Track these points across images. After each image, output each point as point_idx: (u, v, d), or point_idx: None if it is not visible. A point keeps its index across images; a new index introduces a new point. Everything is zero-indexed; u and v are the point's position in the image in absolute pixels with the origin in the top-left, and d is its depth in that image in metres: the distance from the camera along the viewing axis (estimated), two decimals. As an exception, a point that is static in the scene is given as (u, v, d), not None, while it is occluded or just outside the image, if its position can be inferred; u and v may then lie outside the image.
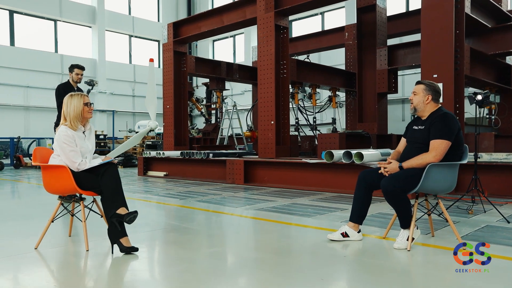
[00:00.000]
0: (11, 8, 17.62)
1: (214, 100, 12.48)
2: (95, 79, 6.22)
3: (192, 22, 10.55)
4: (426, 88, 3.31)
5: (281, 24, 8.65)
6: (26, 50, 17.80)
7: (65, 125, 3.28)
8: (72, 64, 6.00)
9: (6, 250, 3.23)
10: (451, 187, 3.25)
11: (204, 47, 23.38)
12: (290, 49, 12.57)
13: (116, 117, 20.32)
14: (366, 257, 3.08)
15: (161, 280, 2.61)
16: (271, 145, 8.38)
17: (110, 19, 20.40)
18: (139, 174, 10.39)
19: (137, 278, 2.64)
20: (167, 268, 2.83)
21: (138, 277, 2.66)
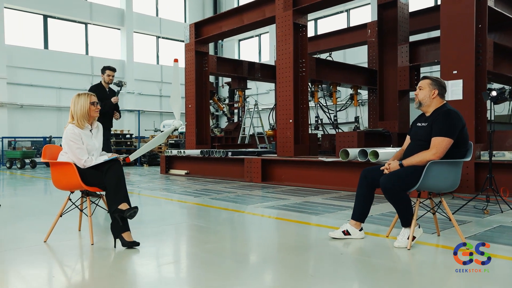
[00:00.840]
0: (46, 13, 18.32)
1: (236, 99, 12.56)
2: (123, 80, 6.37)
3: (213, 22, 10.67)
4: (432, 83, 3.25)
5: (300, 22, 8.62)
6: (59, 53, 18.47)
7: (72, 123, 3.41)
8: (104, 66, 6.20)
9: (17, 242, 3.40)
10: (454, 185, 3.17)
11: (230, 46, 23.56)
12: (312, 47, 12.59)
13: (144, 117, 20.77)
14: (362, 255, 3.06)
15: (154, 274, 2.68)
16: (290, 144, 8.38)
17: (138, 21, 20.87)
18: (161, 172, 10.60)
19: (132, 271, 2.73)
20: (164, 263, 2.90)
21: (133, 270, 2.74)
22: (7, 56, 16.98)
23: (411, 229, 3.10)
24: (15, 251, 3.12)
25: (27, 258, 2.93)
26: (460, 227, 3.85)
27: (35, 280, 2.50)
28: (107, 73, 6.14)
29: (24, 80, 17.44)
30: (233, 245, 3.44)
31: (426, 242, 3.30)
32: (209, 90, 11.32)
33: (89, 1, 19.52)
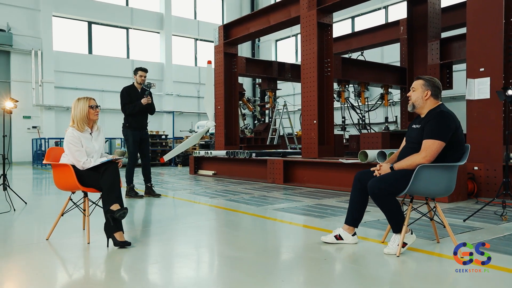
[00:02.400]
0: (90, 19, 19.24)
1: (266, 100, 12.58)
2: (153, 82, 6.59)
3: (241, 24, 10.74)
4: (425, 83, 3.12)
5: (325, 21, 8.49)
6: (102, 57, 19.33)
7: (72, 127, 3.57)
8: (137, 67, 6.43)
9: (21, 239, 3.61)
10: (448, 190, 3.02)
11: (267, 47, 23.61)
12: (344, 46, 12.37)
13: (182, 118, 21.30)
14: (346, 261, 2.98)
15: (134, 274, 2.75)
16: (314, 145, 8.28)
17: (177, 24, 21.41)
18: (190, 173, 10.82)
19: (115, 269, 2.82)
20: (149, 263, 2.97)
21: (116, 269, 2.83)
22: (55, 61, 17.99)
23: (401, 235, 2.98)
24: (19, 247, 3.32)
25: (25, 254, 3.10)
26: (469, 234, 3.68)
27: (17, 274, 2.64)
28: (139, 74, 6.35)
29: (69, 83, 18.39)
30: (204, 244, 3.45)
31: (421, 249, 3.16)
32: (238, 91, 11.39)
33: (130, 7, 20.27)
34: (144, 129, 6.47)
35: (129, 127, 6.29)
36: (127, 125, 6.31)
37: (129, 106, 6.23)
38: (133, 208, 5.43)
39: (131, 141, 6.29)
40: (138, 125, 6.34)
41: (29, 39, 17.43)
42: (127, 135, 6.33)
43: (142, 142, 6.41)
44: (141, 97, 6.25)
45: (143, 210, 5.35)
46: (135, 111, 6.23)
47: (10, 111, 5.34)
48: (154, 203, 5.81)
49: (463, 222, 4.17)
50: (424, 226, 3.88)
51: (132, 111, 6.23)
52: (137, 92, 6.34)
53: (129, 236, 3.59)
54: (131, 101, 6.25)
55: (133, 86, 6.40)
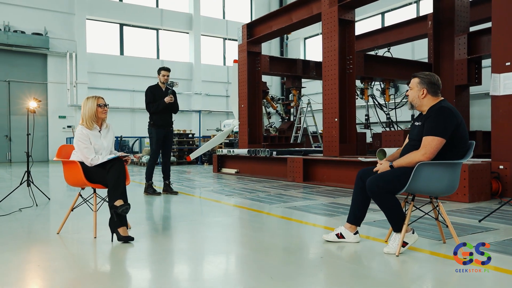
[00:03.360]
0: (122, 21, 19.77)
1: (290, 98, 12.53)
2: (176, 81, 6.73)
3: (264, 22, 10.74)
4: (420, 81, 3.03)
5: (346, 17, 8.36)
6: (133, 58, 19.82)
7: (82, 125, 3.69)
8: (160, 67, 6.59)
9: (35, 233, 3.78)
10: (450, 189, 2.91)
11: (295, 45, 23.48)
12: (370, 43, 12.14)
13: (210, 117, 21.54)
14: (343, 260, 2.93)
15: (132, 267, 2.82)
16: (335, 143, 8.18)
17: (205, 24, 21.64)
18: (214, 171, 10.93)
19: (114, 263, 2.90)
20: (147, 257, 3.04)
21: (114, 263, 2.91)
22: (88, 63, 18.61)
23: (401, 234, 2.91)
24: (31, 240, 3.47)
25: (35, 247, 3.24)
26: (481, 234, 3.54)
27: (19, 265, 2.77)
28: (162, 73, 6.50)
29: (102, 84, 18.97)
30: (197, 240, 3.48)
31: (424, 249, 3.07)
32: (262, 89, 11.40)
33: (160, 8, 20.67)
34: (169, 127, 6.59)
35: (154, 125, 6.44)
36: (152, 123, 6.47)
37: (153, 104, 6.38)
38: (149, 205, 5.56)
39: (155, 139, 6.44)
40: (162, 123, 6.47)
41: (64, 42, 18.11)
42: (151, 133, 6.49)
43: (165, 140, 6.54)
44: (164, 96, 6.39)
45: (155, 207, 5.46)
46: (158, 109, 6.36)
47: (33, 110, 5.58)
48: (169, 200, 5.91)
49: (479, 223, 4.01)
50: (432, 225, 3.77)
51: (156, 109, 6.37)
52: (161, 91, 6.48)
53: (134, 231, 3.68)
54: (154, 100, 6.40)
55: (157, 85, 6.54)
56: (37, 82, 17.95)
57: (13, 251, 3.12)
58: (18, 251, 3.14)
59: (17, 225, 4.13)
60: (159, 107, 6.35)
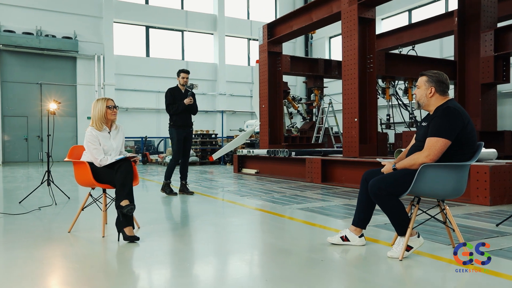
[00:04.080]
0: (148, 24, 20.13)
1: (312, 98, 12.41)
2: (195, 83, 6.83)
3: (284, 22, 10.70)
4: (428, 80, 2.92)
5: (366, 16, 8.22)
6: (158, 59, 20.14)
7: (91, 126, 3.77)
8: (179, 70, 6.71)
9: (48, 231, 3.89)
10: (457, 192, 2.80)
11: (320, 44, 23.27)
12: (394, 41, 11.89)
13: (235, 117, 21.64)
14: (343, 263, 2.87)
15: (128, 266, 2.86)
16: (355, 144, 8.05)
17: (230, 25, 21.75)
18: (234, 171, 10.96)
19: (118, 263, 2.94)
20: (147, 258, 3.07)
21: (119, 262, 2.96)
22: (115, 65, 19.05)
23: (406, 238, 2.82)
24: (42, 239, 3.58)
25: (45, 245, 3.34)
26: (497, 239, 3.40)
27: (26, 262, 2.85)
28: (181, 76, 6.61)
29: (128, 85, 19.37)
30: (207, 242, 3.48)
31: (431, 254, 2.97)
32: (283, 89, 11.35)
33: (185, 10, 20.91)
34: (188, 128, 6.67)
35: (174, 126, 6.53)
36: (172, 124, 6.56)
37: (172, 106, 6.46)
38: (163, 204, 5.63)
39: (175, 139, 6.53)
40: (182, 123, 6.55)
41: (92, 45, 18.60)
42: (172, 134, 6.59)
43: (185, 140, 6.62)
44: (184, 97, 6.47)
45: (169, 207, 5.52)
46: (178, 111, 6.45)
47: (54, 112, 5.75)
48: (183, 200, 5.97)
49: (496, 227, 3.85)
50: (443, 229, 3.63)
51: (176, 111, 6.46)
52: (181, 93, 6.57)
53: (143, 231, 3.73)
54: (174, 102, 6.49)
55: (176, 87, 6.64)
56: (67, 84, 18.52)
57: (23, 248, 3.23)
58: (27, 249, 3.23)
59: (33, 223, 4.27)
60: (179, 109, 6.43)
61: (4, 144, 17.61)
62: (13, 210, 4.96)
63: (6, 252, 3.17)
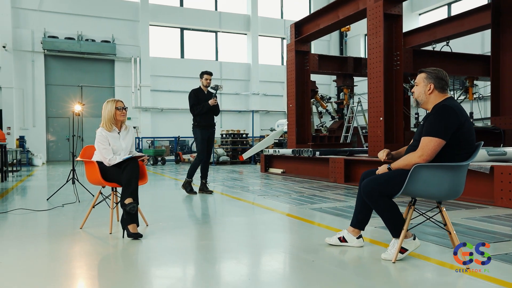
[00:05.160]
0: (182, 26, 20.56)
1: (342, 97, 12.23)
2: (220, 84, 6.96)
3: (311, 20, 10.60)
4: (427, 76, 2.83)
5: (392, 12, 8.00)
6: (192, 60, 20.52)
7: (102, 127, 3.92)
8: (202, 71, 6.84)
9: (62, 227, 4.09)
10: (453, 193, 2.69)
11: (355, 42, 22.86)
12: (427, 37, 11.50)
13: (268, 117, 21.69)
14: (335, 265, 2.82)
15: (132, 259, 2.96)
16: (380, 143, 7.86)
17: (263, 25, 21.81)
18: (261, 171, 11.00)
19: (117, 258, 3.06)
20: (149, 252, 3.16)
21: (118, 258, 3.07)
22: (151, 67, 19.60)
23: (400, 240, 2.75)
24: (55, 234, 3.77)
25: (55, 240, 3.52)
26: (507, 243, 3.23)
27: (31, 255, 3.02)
28: (204, 77, 6.73)
29: (163, 86, 19.88)
30: (191, 240, 3.51)
31: (429, 257, 2.88)
32: (311, 88, 11.25)
33: (219, 11, 21.19)
34: (212, 128, 6.78)
35: (198, 126, 6.66)
36: (196, 124, 6.69)
37: (197, 106, 6.58)
38: (179, 203, 5.75)
39: (199, 139, 6.65)
40: (206, 123, 6.67)
41: (129, 48, 19.24)
42: (196, 134, 6.71)
43: (208, 140, 6.73)
44: (207, 98, 6.58)
45: (184, 205, 5.63)
46: (203, 111, 6.57)
47: (78, 113, 6.01)
48: (202, 199, 6.07)
49: (511, 230, 3.66)
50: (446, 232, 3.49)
51: (201, 111, 6.58)
52: (204, 94, 6.69)
53: (151, 228, 3.84)
54: (198, 102, 6.61)
55: (199, 88, 6.75)
56: (105, 86, 19.26)
57: (34, 243, 3.42)
58: (38, 243, 3.42)
59: (52, 219, 4.50)
60: (204, 109, 6.54)
61: (48, 144, 18.57)
62: (40, 207, 5.23)
63: (19, 245, 3.36)
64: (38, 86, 18.04)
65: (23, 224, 4.31)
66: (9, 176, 10.22)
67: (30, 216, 4.67)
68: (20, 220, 4.48)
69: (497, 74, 8.08)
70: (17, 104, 17.59)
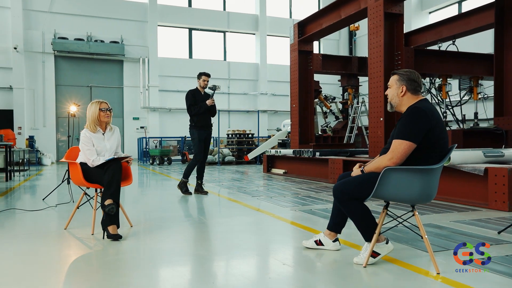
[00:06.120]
0: (190, 26, 20.65)
1: (346, 97, 12.13)
2: (217, 85, 6.98)
3: (314, 20, 10.56)
4: (399, 79, 2.78)
5: (393, 11, 7.90)
6: (201, 60, 20.60)
7: (86, 128, 3.95)
8: (200, 72, 6.83)
9: (47, 227, 4.13)
10: (425, 197, 2.63)
11: (365, 41, 22.64)
12: (433, 36, 11.33)
13: (277, 116, 21.65)
14: (303, 268, 2.79)
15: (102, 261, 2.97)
16: (380, 144, 7.77)
17: (272, 24, 21.77)
18: (264, 171, 10.97)
19: (91, 258, 3.08)
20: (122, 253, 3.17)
21: (92, 258, 3.09)
22: (159, 67, 19.73)
23: (371, 244, 2.70)
24: (39, 234, 3.82)
25: (36, 240, 3.56)
26: (485, 249, 3.15)
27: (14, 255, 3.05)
28: (202, 78, 6.74)
29: (171, 87, 19.98)
30: (178, 242, 3.51)
31: (404, 261, 2.82)
32: (315, 88, 11.19)
33: (227, 11, 21.22)
34: (209, 129, 6.79)
35: (195, 126, 6.66)
36: (193, 124, 6.69)
37: (194, 107, 6.59)
38: (171, 204, 5.77)
39: (196, 140, 6.65)
40: (203, 124, 6.67)
41: (137, 48, 19.40)
42: (193, 134, 6.71)
43: (205, 141, 6.74)
44: (204, 99, 6.59)
45: (175, 206, 5.64)
46: (200, 111, 6.58)
47: (74, 114, 6.08)
48: (193, 200, 6.07)
49: (498, 235, 3.58)
50: (431, 236, 3.42)
51: (198, 111, 6.58)
52: (201, 94, 6.70)
53: (135, 229, 3.86)
54: (195, 103, 6.62)
55: (196, 89, 6.76)
56: (114, 87, 19.46)
57: (12, 243, 3.46)
58: (16, 244, 3.46)
59: (41, 219, 4.55)
60: (201, 110, 6.54)
61: (58, 143, 18.84)
62: (35, 207, 5.30)
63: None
64: (48, 87, 18.31)
65: (9, 224, 4.36)
66: (15, 176, 10.39)
67: (19, 216, 4.74)
68: (8, 220, 4.53)
69: (501, 74, 7.92)
70: (28, 104, 17.89)
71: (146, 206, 5.70)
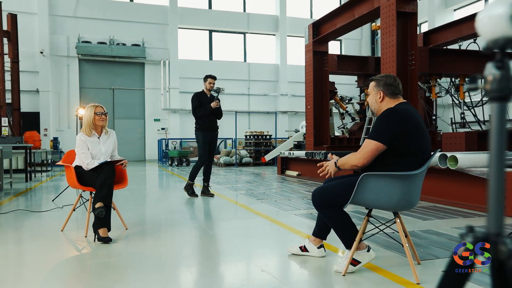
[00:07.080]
0: (211, 28, 20.79)
1: (362, 98, 11.90)
2: (222, 87, 7.00)
3: (329, 20, 10.43)
4: (376, 85, 2.72)
5: (406, 10, 7.72)
6: (221, 62, 20.70)
7: (82, 132, 4.02)
8: (206, 75, 6.88)
9: (44, 229, 4.22)
10: (406, 203, 2.54)
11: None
12: (453, 34, 11.00)
13: (297, 118, 21.50)
14: (274, 276, 2.73)
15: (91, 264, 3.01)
16: (393, 146, 7.60)
17: (292, 25, 21.64)
18: (278, 173, 10.90)
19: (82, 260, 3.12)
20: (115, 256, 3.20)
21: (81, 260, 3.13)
22: (179, 69, 19.95)
23: (351, 252, 2.63)
24: (36, 235, 3.90)
25: (31, 242, 3.64)
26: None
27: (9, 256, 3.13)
28: (208, 81, 6.77)
29: (192, 88, 20.09)
30: (168, 245, 3.49)
31: (388, 270, 2.72)
32: (330, 89, 11.04)
33: (247, 12, 21.24)
34: (214, 131, 6.80)
35: (200, 129, 6.69)
36: (198, 127, 6.72)
37: (199, 109, 6.62)
38: (172, 205, 5.80)
39: (201, 142, 6.68)
40: (208, 126, 6.69)
41: (158, 51, 19.67)
42: (198, 137, 6.73)
43: (210, 143, 6.76)
44: (210, 101, 6.61)
45: (175, 208, 5.66)
46: (205, 114, 6.60)
47: (81, 117, 6.19)
48: (198, 202, 6.09)
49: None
50: (418, 244, 3.30)
51: (203, 114, 6.61)
52: (206, 97, 6.72)
53: (130, 231, 3.89)
54: (201, 105, 6.64)
55: (202, 92, 6.79)
56: (136, 89, 19.81)
57: (5, 244, 3.54)
58: (9, 245, 3.55)
59: (43, 221, 4.66)
60: (206, 112, 6.56)
61: (82, 144, 19.29)
62: (43, 208, 5.44)
63: (-5, 246, 3.51)
64: (72, 89, 18.81)
65: (11, 225, 4.47)
66: (35, 176, 10.71)
67: (24, 217, 4.86)
68: (10, 221, 4.63)
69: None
70: (53, 107, 18.42)
71: (148, 209, 5.75)
